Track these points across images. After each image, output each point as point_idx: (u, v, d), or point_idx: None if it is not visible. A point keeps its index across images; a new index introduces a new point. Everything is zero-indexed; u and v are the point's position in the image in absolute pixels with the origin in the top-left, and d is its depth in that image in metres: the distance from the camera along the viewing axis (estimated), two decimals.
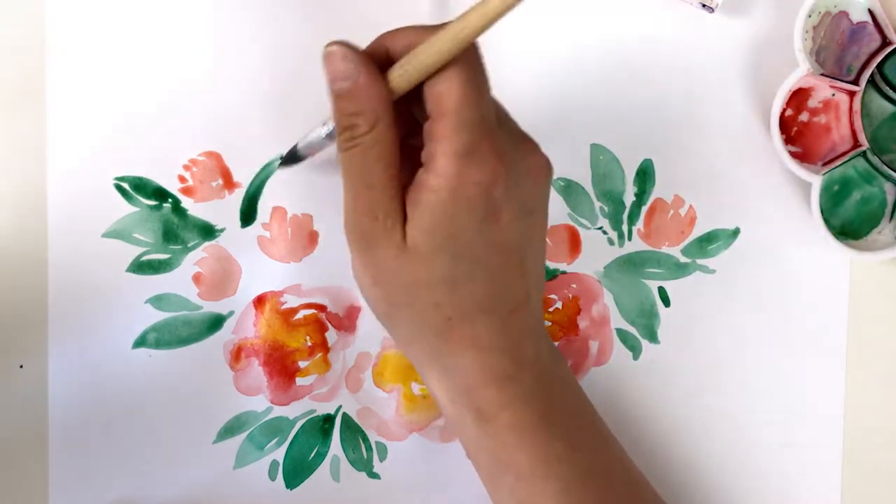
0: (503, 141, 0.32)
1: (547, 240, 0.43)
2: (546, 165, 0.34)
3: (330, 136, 0.36)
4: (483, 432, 0.34)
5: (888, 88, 0.42)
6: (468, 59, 0.31)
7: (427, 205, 0.31)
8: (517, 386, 0.34)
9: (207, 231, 0.42)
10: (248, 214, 0.42)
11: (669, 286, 0.43)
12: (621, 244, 0.43)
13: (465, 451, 0.36)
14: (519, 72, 0.43)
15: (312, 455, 0.42)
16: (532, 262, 0.34)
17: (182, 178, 0.42)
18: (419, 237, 0.32)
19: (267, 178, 0.42)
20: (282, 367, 0.42)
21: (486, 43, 0.42)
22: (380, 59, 0.32)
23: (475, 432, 0.34)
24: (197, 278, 0.42)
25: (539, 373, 0.34)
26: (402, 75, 0.32)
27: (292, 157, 0.39)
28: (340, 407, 0.42)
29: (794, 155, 0.42)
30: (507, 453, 0.34)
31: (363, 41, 0.42)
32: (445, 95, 0.31)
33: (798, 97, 0.42)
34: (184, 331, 0.41)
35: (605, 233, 0.43)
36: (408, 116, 0.34)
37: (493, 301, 0.33)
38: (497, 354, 0.33)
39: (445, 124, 0.31)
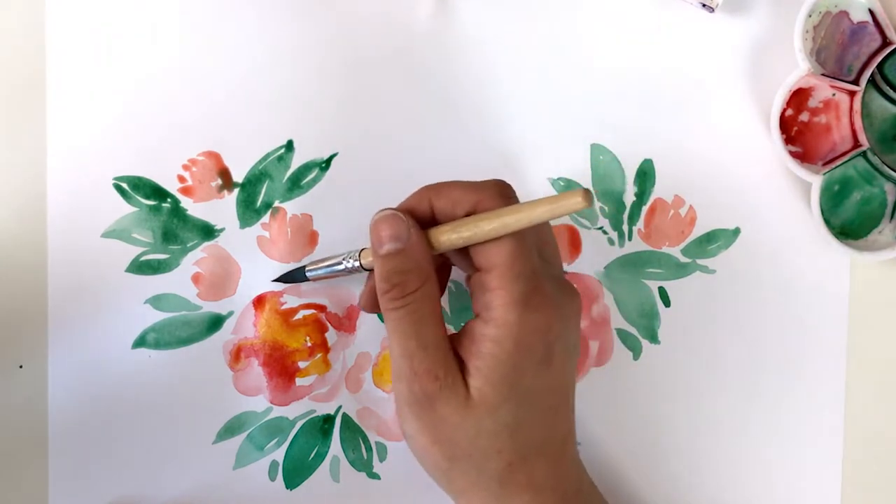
0: (552, 288, 0.33)
1: None
2: (581, 306, 0.36)
3: (347, 270, 0.38)
4: None
5: (888, 88, 0.42)
6: None
7: (492, 356, 0.32)
8: None
9: (207, 231, 0.42)
10: (246, 214, 0.42)
11: (669, 286, 0.43)
12: (621, 244, 0.43)
13: None
14: (519, 72, 0.43)
15: (312, 455, 0.42)
16: (573, 397, 0.36)
17: (181, 178, 0.42)
18: (487, 389, 0.32)
19: (265, 177, 0.42)
20: (282, 368, 0.42)
21: (486, 41, 0.42)
22: (423, 213, 0.34)
23: None
24: (196, 278, 0.42)
25: (581, 502, 0.36)
26: (450, 240, 0.33)
27: (293, 277, 0.41)
28: (340, 407, 0.42)
29: (794, 155, 0.42)
30: None
31: (362, 40, 0.42)
32: (496, 252, 0.32)
33: (798, 97, 0.42)
34: (183, 331, 0.41)
35: (605, 233, 0.43)
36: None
37: (547, 441, 0.34)
38: (550, 493, 0.34)
39: (499, 276, 0.32)
